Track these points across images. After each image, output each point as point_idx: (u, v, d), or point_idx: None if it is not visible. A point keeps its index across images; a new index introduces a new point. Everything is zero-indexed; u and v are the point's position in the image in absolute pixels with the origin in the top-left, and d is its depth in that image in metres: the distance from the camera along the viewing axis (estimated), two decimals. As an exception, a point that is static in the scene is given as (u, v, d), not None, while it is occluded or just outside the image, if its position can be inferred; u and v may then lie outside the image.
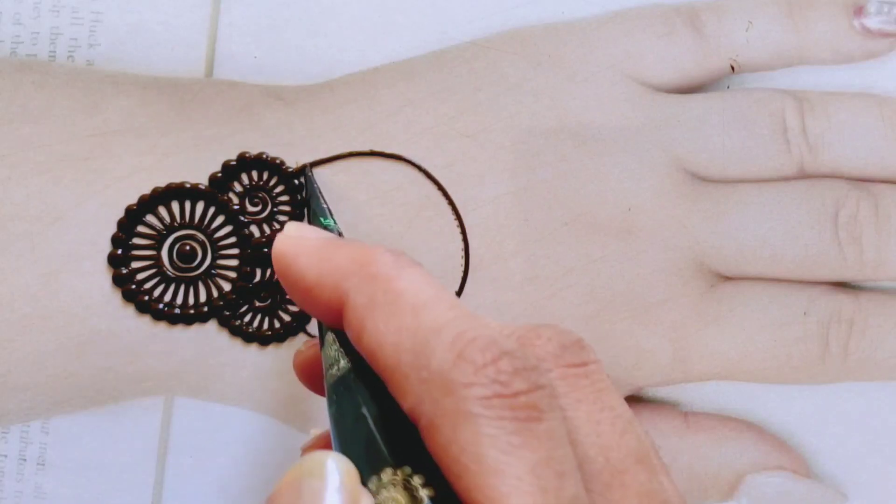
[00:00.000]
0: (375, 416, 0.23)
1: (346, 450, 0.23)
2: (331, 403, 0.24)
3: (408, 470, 0.21)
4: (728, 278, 0.35)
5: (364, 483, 0.21)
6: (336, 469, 0.21)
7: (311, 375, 0.29)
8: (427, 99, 0.34)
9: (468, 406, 0.20)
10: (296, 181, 0.34)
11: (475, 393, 0.21)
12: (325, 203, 0.32)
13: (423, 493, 0.21)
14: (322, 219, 0.31)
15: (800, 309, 0.35)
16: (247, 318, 0.34)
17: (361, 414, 0.23)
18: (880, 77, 0.35)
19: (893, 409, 0.35)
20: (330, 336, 0.25)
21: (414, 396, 0.21)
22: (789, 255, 0.35)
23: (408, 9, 0.34)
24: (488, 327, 0.22)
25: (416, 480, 0.21)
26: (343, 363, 0.25)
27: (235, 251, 0.34)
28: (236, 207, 0.34)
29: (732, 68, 0.35)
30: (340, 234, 0.30)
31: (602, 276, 0.34)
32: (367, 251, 0.24)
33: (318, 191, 0.33)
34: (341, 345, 0.25)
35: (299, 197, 0.34)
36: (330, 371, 0.25)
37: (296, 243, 0.26)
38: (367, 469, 0.22)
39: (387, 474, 0.21)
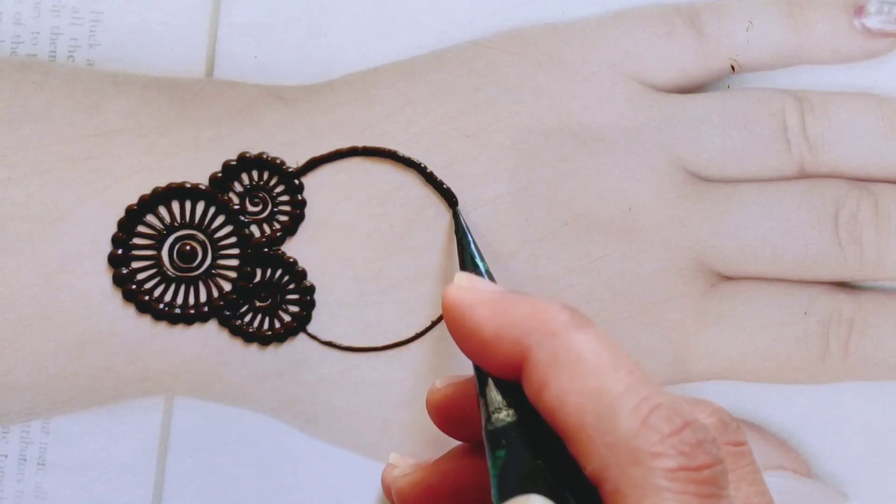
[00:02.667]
0: (552, 468, 0.23)
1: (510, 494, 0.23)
2: (496, 447, 0.25)
3: None
4: (728, 278, 0.35)
5: None
6: None
7: (446, 416, 0.30)
8: (427, 99, 0.34)
9: (655, 478, 0.21)
10: (296, 181, 0.34)
11: (662, 464, 0.21)
12: (476, 244, 0.32)
13: None
14: (478, 260, 0.31)
15: (800, 309, 0.35)
16: (247, 318, 0.34)
17: (538, 465, 0.23)
18: (880, 77, 0.35)
19: (893, 409, 0.35)
20: (492, 382, 0.26)
21: (598, 460, 0.22)
22: (789, 255, 0.35)
23: (408, 9, 0.34)
24: (669, 396, 0.22)
25: None
26: (512, 411, 0.25)
27: (235, 251, 0.34)
28: (236, 207, 0.34)
29: (732, 68, 0.35)
30: (490, 275, 0.30)
31: (602, 276, 0.34)
32: (545, 306, 0.24)
33: (468, 230, 0.33)
34: (505, 393, 0.25)
35: (299, 197, 0.34)
36: (496, 415, 0.25)
37: (471, 295, 0.26)
38: None
39: None
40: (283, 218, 0.34)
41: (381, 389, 0.34)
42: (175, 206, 0.33)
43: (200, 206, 0.34)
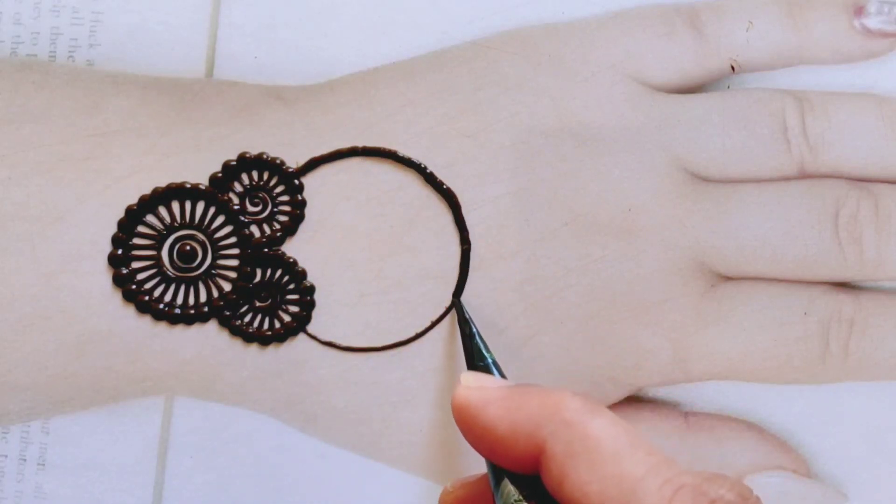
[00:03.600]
0: None
1: None
2: None
3: None
4: (728, 278, 0.35)
5: None
6: None
7: None
8: (427, 99, 0.34)
9: None
10: (296, 181, 0.34)
11: None
12: (480, 335, 0.32)
13: None
14: (485, 352, 0.31)
15: (800, 309, 0.35)
16: (247, 318, 0.34)
17: None
18: (880, 77, 0.35)
19: (893, 409, 0.35)
20: (507, 480, 0.26)
21: None
22: (789, 255, 0.35)
23: (408, 9, 0.34)
24: (689, 473, 0.22)
25: None
26: None
27: (235, 251, 0.34)
28: (236, 207, 0.34)
29: (732, 68, 0.35)
30: (497, 366, 0.30)
31: (602, 276, 0.34)
32: (556, 397, 0.24)
33: (472, 322, 0.32)
34: (521, 487, 0.25)
35: (299, 197, 0.34)
36: None
37: (480, 394, 0.26)
38: None
39: None
40: (283, 218, 0.34)
41: (381, 389, 0.34)
42: (175, 206, 0.33)
43: (200, 207, 0.34)
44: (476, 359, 0.31)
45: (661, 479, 0.22)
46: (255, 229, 0.34)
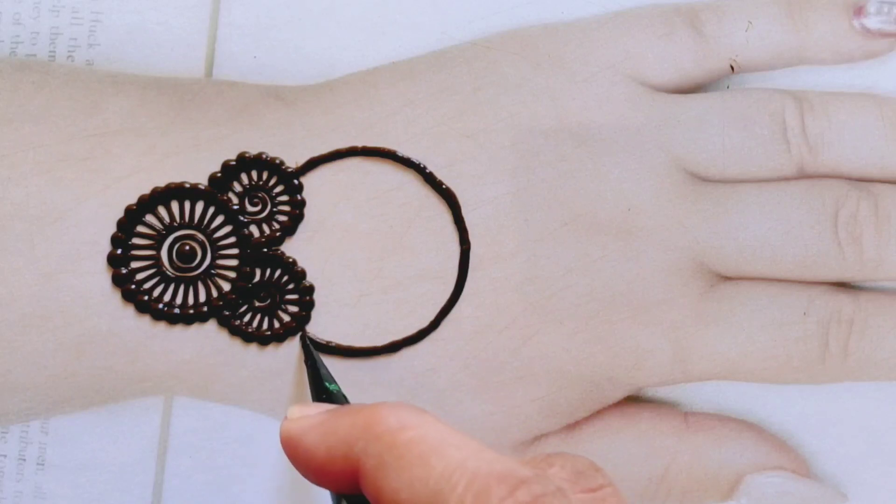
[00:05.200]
0: None
1: None
2: None
3: None
4: (728, 278, 0.35)
5: None
6: None
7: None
8: (427, 99, 0.34)
9: None
10: (296, 181, 0.34)
11: None
12: (324, 367, 0.32)
13: None
14: (327, 383, 0.30)
15: (800, 309, 0.35)
16: (247, 318, 0.34)
17: None
18: (880, 77, 0.35)
19: (893, 409, 0.35)
20: (344, 502, 0.25)
21: None
22: (789, 255, 0.35)
23: (408, 9, 0.34)
24: (502, 461, 0.22)
25: None
26: None
27: (235, 251, 0.34)
28: (236, 207, 0.34)
29: (732, 68, 0.35)
30: (343, 395, 0.30)
31: (602, 276, 0.34)
32: (367, 413, 0.24)
33: (316, 355, 0.32)
34: None
35: (299, 197, 0.34)
36: None
37: (299, 423, 0.25)
38: None
39: None
40: (283, 218, 0.34)
41: (381, 389, 0.34)
42: (174, 206, 0.33)
43: (200, 206, 0.34)
44: (320, 390, 0.30)
45: (470, 473, 0.21)
46: (254, 229, 0.34)
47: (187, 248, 0.33)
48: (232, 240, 0.34)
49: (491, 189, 0.34)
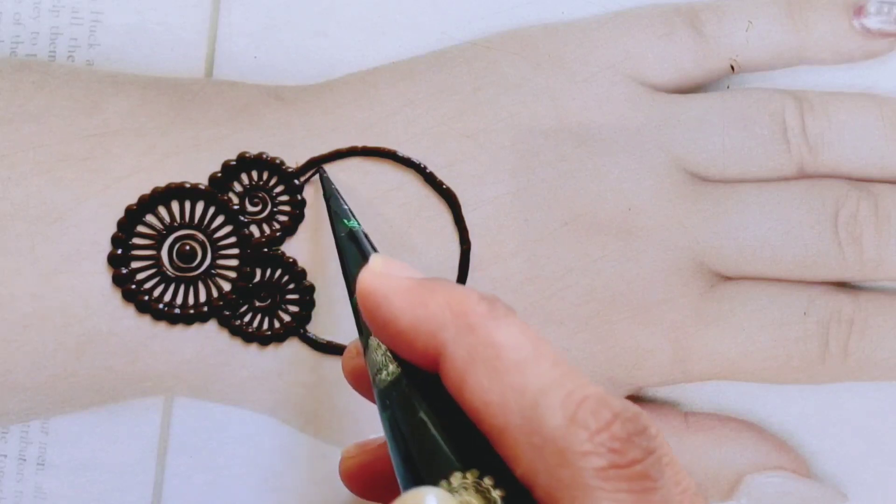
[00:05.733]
0: (435, 420, 0.22)
1: (406, 456, 0.23)
2: (383, 408, 0.24)
3: (476, 472, 0.21)
4: (728, 278, 0.35)
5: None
6: None
7: (364, 382, 0.29)
8: (427, 99, 0.34)
9: (586, 479, 0.20)
10: (296, 181, 0.34)
11: (591, 464, 0.20)
12: (346, 203, 0.32)
13: (496, 495, 0.21)
14: (345, 220, 0.30)
15: (800, 309, 0.35)
16: (247, 318, 0.34)
17: (420, 419, 0.23)
18: (880, 77, 0.35)
19: (893, 409, 0.35)
20: (374, 341, 0.25)
21: (527, 464, 0.21)
22: (789, 255, 0.35)
23: (408, 9, 0.34)
24: (595, 387, 0.21)
25: (487, 482, 0.21)
26: (392, 367, 0.24)
27: (235, 251, 0.34)
28: (236, 207, 0.34)
29: (732, 68, 0.35)
30: (366, 235, 0.30)
31: (602, 276, 0.34)
32: (462, 297, 0.23)
33: (336, 191, 0.32)
34: (389, 349, 0.24)
35: (299, 197, 0.34)
36: (379, 376, 0.25)
37: (385, 283, 0.24)
38: (434, 474, 0.21)
39: (456, 478, 0.21)
40: (283, 218, 0.34)
41: (381, 389, 0.34)
42: (175, 206, 0.33)
43: (200, 206, 0.34)
44: (339, 228, 0.30)
45: (564, 392, 0.21)
46: (254, 229, 0.34)
47: (187, 248, 0.33)
48: (232, 240, 0.34)
49: (491, 189, 0.34)
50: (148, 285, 0.33)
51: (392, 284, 0.24)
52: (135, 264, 0.33)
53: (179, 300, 0.33)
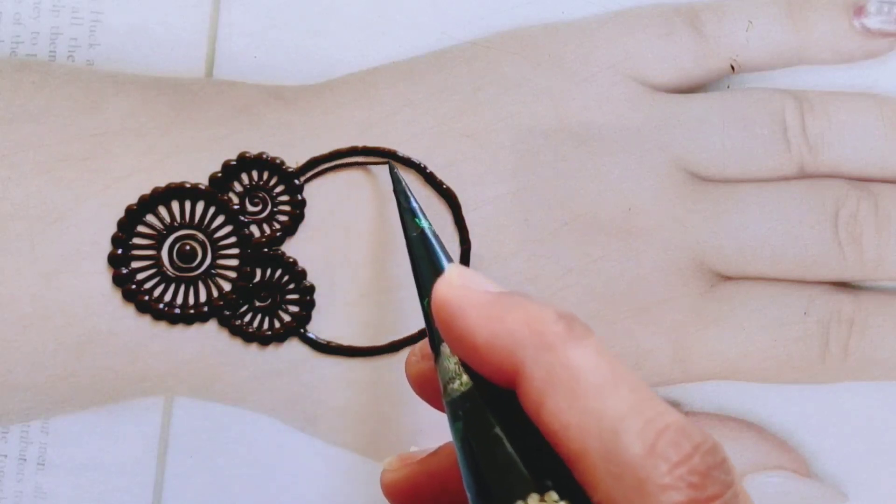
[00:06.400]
0: (511, 438, 0.22)
1: (478, 472, 0.22)
2: (455, 419, 0.24)
3: (554, 496, 0.21)
4: (728, 278, 0.35)
5: None
6: None
7: (428, 388, 0.29)
8: (427, 99, 0.34)
9: None
10: (296, 181, 0.34)
11: (671, 498, 0.20)
12: (416, 200, 0.31)
13: None
14: (416, 220, 0.30)
15: (800, 309, 0.35)
16: (247, 318, 0.34)
17: (495, 435, 0.22)
18: (880, 77, 0.35)
19: (893, 409, 0.35)
20: (447, 349, 0.25)
21: (604, 491, 0.21)
22: (789, 255, 0.35)
23: (408, 9, 0.34)
24: (674, 414, 0.21)
25: None
26: (465, 378, 0.24)
27: (235, 251, 0.34)
28: (236, 207, 0.34)
29: (732, 68, 0.35)
30: (435, 234, 0.29)
31: (602, 276, 0.34)
32: (541, 315, 0.23)
33: (407, 187, 0.31)
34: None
35: (299, 197, 0.34)
36: (451, 385, 0.24)
37: (462, 295, 0.24)
38: (509, 494, 0.21)
39: (533, 500, 0.21)
40: (283, 218, 0.34)
41: (381, 389, 0.34)
42: (175, 206, 0.33)
43: (200, 206, 0.34)
44: (410, 227, 0.30)
45: (644, 420, 0.21)
46: (254, 229, 0.34)
47: (188, 247, 0.33)
48: (232, 240, 0.34)
49: (491, 189, 0.34)
50: (148, 285, 0.33)
51: (469, 297, 0.24)
52: (135, 264, 0.33)
53: (179, 300, 0.33)
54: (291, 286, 0.34)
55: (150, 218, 0.33)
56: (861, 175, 0.35)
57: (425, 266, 0.28)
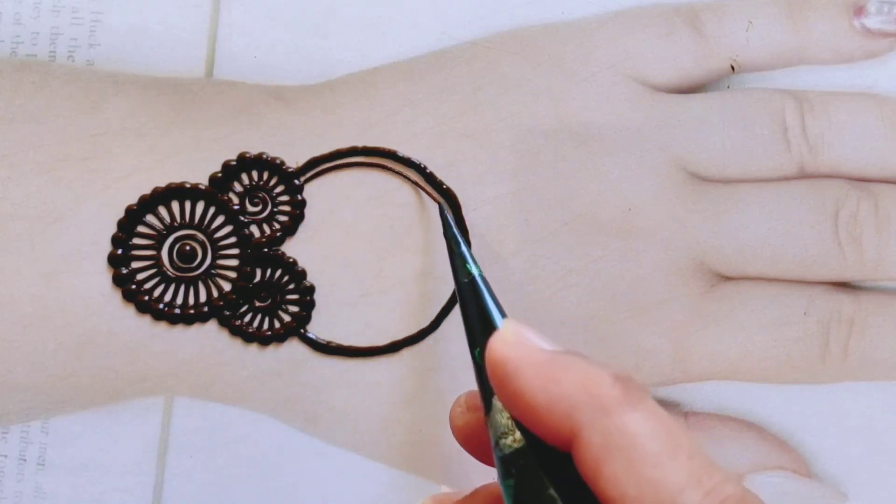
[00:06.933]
0: (565, 499, 0.22)
1: None
2: (506, 475, 0.24)
3: None
4: (728, 278, 0.35)
5: None
6: None
7: (474, 440, 0.29)
8: (427, 99, 0.34)
9: None
10: (296, 181, 0.34)
11: None
12: (467, 245, 0.31)
13: None
14: (467, 265, 0.30)
15: (800, 309, 0.35)
16: (247, 318, 0.34)
17: (550, 496, 0.23)
18: (880, 77, 0.35)
19: (893, 409, 0.35)
20: (499, 403, 0.25)
21: None
22: (789, 255, 0.35)
23: (408, 9, 0.34)
24: (730, 482, 0.21)
25: None
26: (518, 435, 0.24)
27: (235, 251, 0.34)
28: (236, 207, 0.34)
29: (732, 68, 0.35)
30: (485, 281, 0.29)
31: (602, 276, 0.34)
32: (597, 378, 0.23)
33: (457, 233, 0.32)
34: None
35: (299, 197, 0.34)
36: (503, 441, 0.24)
37: (518, 354, 0.24)
38: None
39: None
40: (283, 218, 0.34)
41: (381, 389, 0.34)
42: (175, 206, 0.33)
43: (200, 206, 0.34)
44: (461, 272, 0.30)
45: (703, 491, 0.21)
46: (254, 229, 0.34)
47: (188, 248, 0.33)
48: (232, 240, 0.34)
49: (491, 189, 0.34)
50: (148, 285, 0.33)
51: (524, 356, 0.24)
52: (135, 264, 0.33)
53: (179, 300, 0.33)
54: (291, 286, 0.34)
55: (150, 218, 0.33)
56: (861, 175, 0.35)
57: (476, 315, 0.28)
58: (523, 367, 0.24)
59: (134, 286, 0.33)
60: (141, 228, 0.33)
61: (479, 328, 0.27)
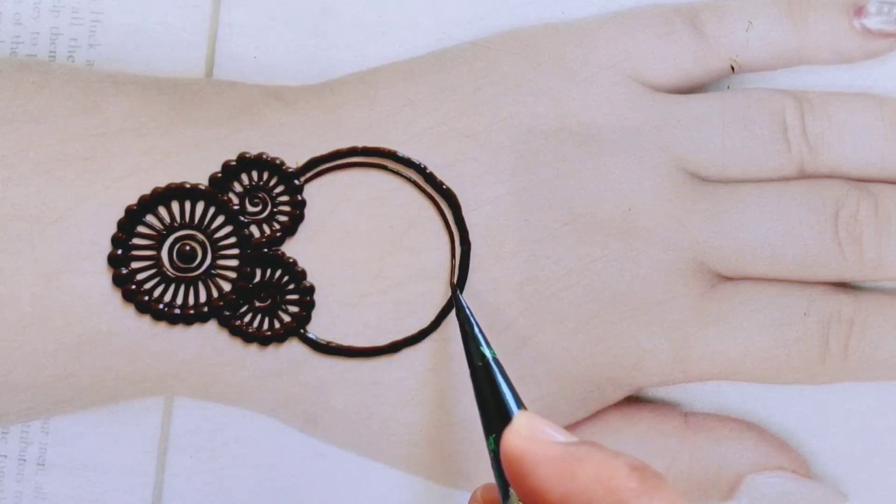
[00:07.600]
0: None
1: None
2: None
3: None
4: (728, 278, 0.35)
5: None
6: None
7: None
8: (427, 99, 0.34)
9: None
10: (296, 181, 0.34)
11: None
12: (480, 328, 0.31)
13: None
14: (480, 348, 0.30)
15: (800, 309, 0.35)
16: (247, 318, 0.34)
17: None
18: (880, 77, 0.35)
19: (893, 409, 0.35)
20: (515, 495, 0.25)
21: None
22: (789, 255, 0.35)
23: (408, 9, 0.34)
24: None
25: None
26: None
27: (235, 251, 0.34)
28: (236, 207, 0.34)
29: (732, 68, 0.35)
30: (499, 363, 0.29)
31: (602, 276, 0.34)
32: (613, 471, 0.23)
33: (472, 315, 0.32)
34: None
35: (299, 197, 0.34)
36: None
37: (532, 449, 0.24)
38: None
39: None
40: (283, 218, 0.34)
41: (381, 389, 0.34)
42: (175, 206, 0.33)
43: (200, 207, 0.34)
44: (475, 355, 0.30)
45: None
46: (254, 229, 0.34)
47: (188, 248, 0.33)
48: (232, 240, 0.34)
49: (491, 189, 0.34)
50: (148, 285, 0.33)
51: (539, 451, 0.24)
52: (135, 264, 0.33)
53: (179, 300, 0.33)
54: (291, 286, 0.34)
55: (150, 218, 0.33)
56: (861, 175, 0.35)
57: (490, 400, 0.28)
58: (539, 463, 0.24)
59: (134, 286, 0.33)
60: (141, 228, 0.33)
61: (495, 415, 0.28)
